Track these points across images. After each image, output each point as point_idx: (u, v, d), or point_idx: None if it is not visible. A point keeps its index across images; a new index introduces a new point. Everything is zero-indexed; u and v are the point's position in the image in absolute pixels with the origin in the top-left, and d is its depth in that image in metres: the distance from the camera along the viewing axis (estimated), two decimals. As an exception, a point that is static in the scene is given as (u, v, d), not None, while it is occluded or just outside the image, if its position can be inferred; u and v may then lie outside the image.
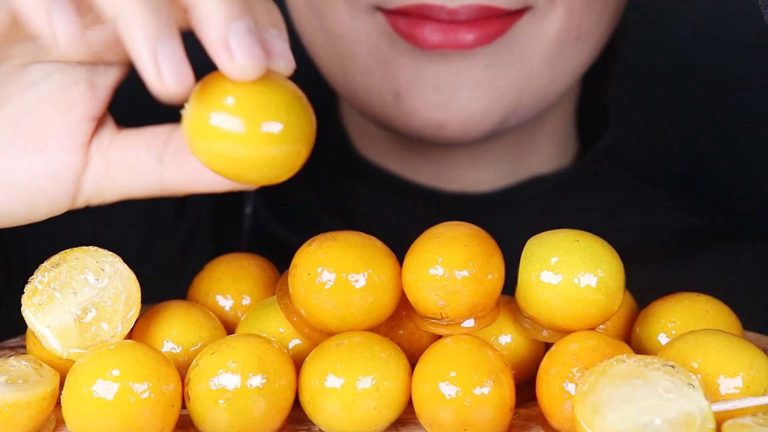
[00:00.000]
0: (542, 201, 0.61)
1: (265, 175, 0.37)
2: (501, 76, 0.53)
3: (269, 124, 0.35)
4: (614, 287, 0.40)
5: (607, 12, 0.56)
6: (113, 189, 0.40)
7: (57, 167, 0.39)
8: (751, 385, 0.36)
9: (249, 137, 0.35)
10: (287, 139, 0.36)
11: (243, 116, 0.35)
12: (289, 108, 0.36)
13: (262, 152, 0.36)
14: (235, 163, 0.36)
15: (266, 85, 0.36)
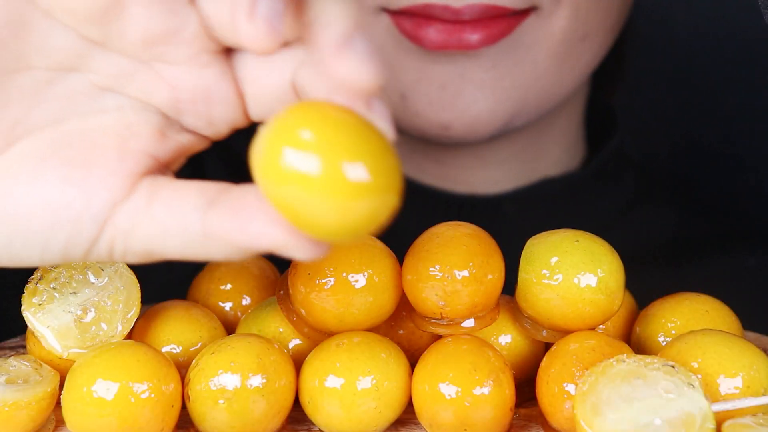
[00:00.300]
0: (550, 203, 0.61)
1: (345, 229, 0.29)
2: (506, 77, 0.53)
3: (355, 166, 0.28)
4: (614, 287, 0.40)
5: (613, 11, 0.56)
6: (147, 230, 0.32)
7: (97, 187, 0.33)
8: (751, 385, 0.36)
9: (328, 180, 0.28)
10: (373, 188, 0.29)
11: (324, 154, 0.28)
12: (380, 151, 0.29)
13: (346, 199, 0.28)
14: (309, 213, 0.29)
15: (355, 122, 0.29)
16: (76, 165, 0.32)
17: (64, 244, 0.33)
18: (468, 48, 0.52)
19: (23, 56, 0.32)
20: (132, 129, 0.33)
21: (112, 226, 0.32)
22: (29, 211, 0.32)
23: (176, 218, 0.32)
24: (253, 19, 0.29)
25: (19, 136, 0.32)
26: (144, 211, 0.32)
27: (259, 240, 0.30)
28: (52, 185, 0.32)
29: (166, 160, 0.34)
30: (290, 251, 0.30)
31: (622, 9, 0.57)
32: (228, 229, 0.31)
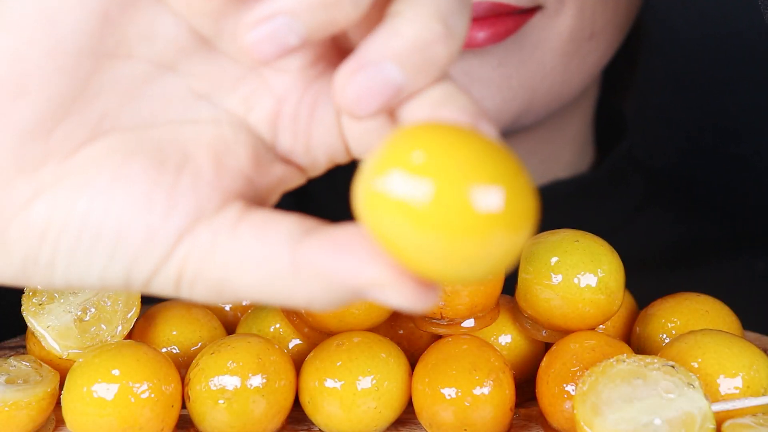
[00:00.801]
0: (560, 205, 0.62)
1: (466, 272, 0.24)
2: (513, 75, 0.53)
3: (486, 192, 0.23)
4: (614, 287, 0.40)
5: (620, 10, 0.56)
6: (227, 256, 0.28)
7: (185, 195, 0.28)
8: (751, 385, 0.36)
9: (449, 209, 0.23)
10: (506, 222, 0.23)
11: (445, 178, 0.23)
12: (513, 174, 0.23)
13: (472, 234, 0.23)
14: (424, 252, 0.23)
15: (481, 142, 0.24)
16: (167, 169, 0.28)
17: (131, 257, 0.28)
18: (474, 46, 0.52)
19: (125, 40, 0.28)
20: (228, 147, 0.30)
21: (189, 244, 0.28)
22: (105, 209, 0.28)
23: (263, 244, 0.27)
24: None
25: (106, 131, 0.29)
26: (228, 233, 0.28)
27: (356, 277, 0.26)
28: (138, 184, 0.28)
29: (262, 193, 0.30)
30: (392, 294, 0.25)
31: (629, 7, 0.57)
32: (321, 261, 0.26)
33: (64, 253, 0.28)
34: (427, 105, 0.26)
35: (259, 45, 0.26)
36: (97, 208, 0.28)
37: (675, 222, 0.65)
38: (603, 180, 0.63)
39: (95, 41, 0.28)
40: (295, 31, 0.26)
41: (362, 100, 0.26)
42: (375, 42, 0.26)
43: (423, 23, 0.26)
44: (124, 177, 0.28)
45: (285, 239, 0.27)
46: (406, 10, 0.26)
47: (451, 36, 0.26)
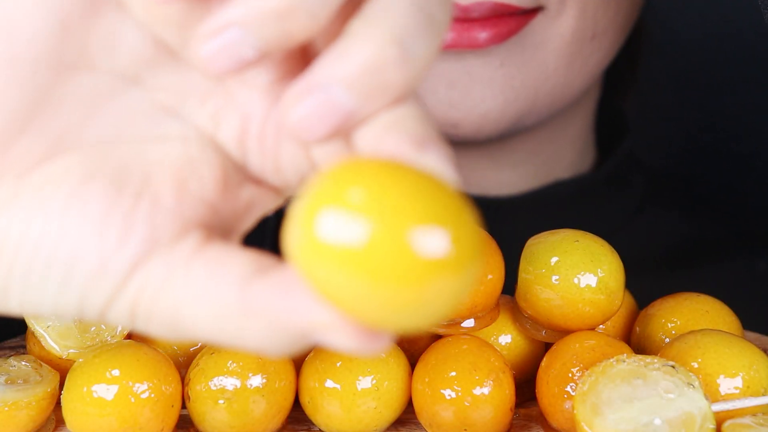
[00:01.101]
0: (561, 206, 0.62)
1: (410, 319, 0.22)
2: (516, 76, 0.54)
3: (427, 234, 0.21)
4: (614, 287, 0.40)
5: (622, 10, 0.56)
6: (180, 291, 0.26)
7: (143, 222, 0.27)
8: (751, 385, 0.36)
9: (388, 254, 0.21)
10: (449, 266, 0.21)
11: (382, 219, 0.21)
12: (455, 212, 0.22)
13: (414, 279, 0.21)
14: (361, 297, 0.22)
15: (423, 182, 0.22)
16: (126, 192, 0.27)
17: (85, 284, 0.27)
18: (476, 46, 0.52)
19: (87, 51, 0.27)
20: (194, 168, 0.28)
21: (144, 276, 0.27)
22: (59, 233, 0.26)
23: (215, 282, 0.26)
24: None
25: (66, 148, 0.27)
26: (182, 267, 0.26)
27: (300, 319, 0.24)
28: (94, 207, 0.27)
29: (228, 219, 0.29)
30: (338, 338, 0.24)
31: (631, 8, 0.57)
32: (268, 301, 0.25)
33: (18, 279, 0.27)
34: (373, 131, 0.25)
35: (214, 58, 0.25)
36: (51, 232, 0.27)
37: (675, 222, 0.65)
38: (604, 180, 0.63)
39: (54, 51, 0.26)
40: (250, 43, 0.25)
41: (309, 125, 0.25)
42: (325, 64, 0.25)
43: (376, 45, 0.25)
44: (79, 200, 0.27)
45: (237, 278, 0.26)
46: (360, 30, 0.25)
47: (407, 60, 0.25)
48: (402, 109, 0.25)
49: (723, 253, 0.63)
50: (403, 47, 0.25)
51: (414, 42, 0.25)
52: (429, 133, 0.25)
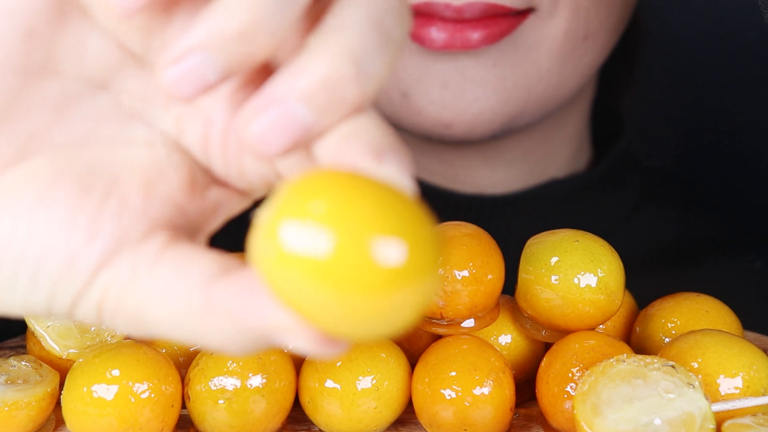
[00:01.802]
0: (557, 205, 0.62)
1: (370, 328, 0.23)
2: (508, 76, 0.54)
3: (381, 247, 0.22)
4: (614, 287, 0.40)
5: (615, 11, 0.56)
6: (145, 289, 0.27)
7: (109, 222, 0.28)
8: (751, 385, 0.36)
9: (349, 264, 0.22)
10: (407, 275, 0.22)
11: (341, 229, 0.22)
12: (414, 222, 0.22)
13: (374, 288, 0.22)
14: (321, 306, 0.22)
15: (381, 192, 0.23)
16: (92, 193, 0.28)
17: (53, 282, 0.27)
18: (470, 47, 0.52)
19: (53, 57, 0.28)
20: (161, 171, 0.29)
21: (110, 274, 0.27)
22: (27, 233, 0.27)
23: (180, 281, 0.26)
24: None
25: (35, 150, 0.28)
26: (148, 266, 0.27)
27: (261, 320, 0.25)
28: (61, 207, 0.27)
29: (195, 220, 0.30)
30: (298, 341, 0.25)
31: (624, 8, 0.57)
32: (230, 302, 0.26)
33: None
34: (331, 141, 0.26)
35: (177, 84, 0.25)
36: (19, 233, 0.27)
37: (673, 221, 0.65)
38: (601, 179, 0.63)
39: (21, 58, 0.27)
40: (213, 66, 0.25)
41: (268, 139, 0.25)
42: (282, 79, 0.25)
43: (332, 61, 0.25)
44: (47, 200, 0.27)
45: (201, 277, 0.26)
46: (317, 46, 0.26)
47: (363, 76, 0.25)
48: (360, 120, 0.26)
49: (721, 252, 0.63)
50: (358, 64, 0.25)
51: (369, 58, 0.26)
52: (387, 142, 0.25)
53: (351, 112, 0.26)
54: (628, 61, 0.64)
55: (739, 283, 0.60)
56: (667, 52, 0.77)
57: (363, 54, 0.25)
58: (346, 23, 0.26)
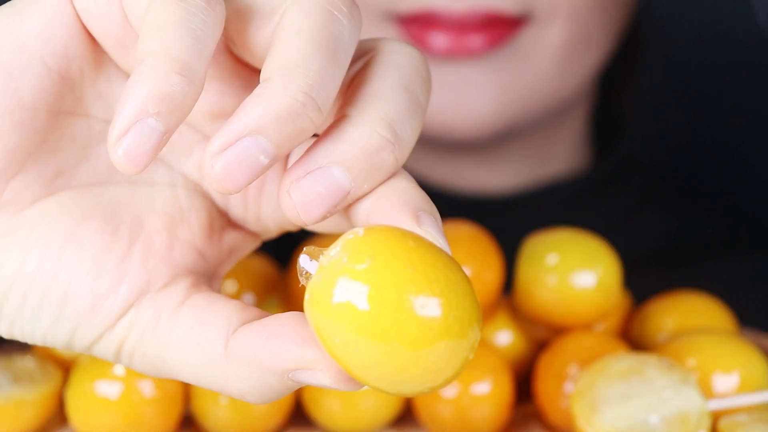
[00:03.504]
0: (559, 205, 0.62)
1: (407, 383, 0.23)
2: (509, 82, 0.54)
3: (422, 306, 0.23)
4: (612, 286, 0.40)
5: (616, 16, 0.56)
6: (166, 334, 0.27)
7: (136, 266, 0.28)
8: (746, 383, 0.37)
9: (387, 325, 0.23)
10: (446, 332, 0.23)
11: (384, 292, 0.23)
12: (458, 288, 0.23)
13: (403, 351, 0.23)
14: (370, 360, 0.23)
15: (427, 250, 0.24)
16: (120, 236, 0.28)
17: (76, 322, 0.28)
18: (471, 53, 0.52)
19: (83, 100, 0.28)
20: (183, 215, 0.29)
21: (133, 317, 0.28)
22: (55, 270, 0.27)
23: (201, 330, 0.27)
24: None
25: (60, 187, 0.28)
26: (170, 312, 0.27)
27: (282, 359, 0.25)
28: (90, 249, 0.28)
29: (213, 264, 0.30)
30: (321, 376, 0.25)
31: (625, 12, 0.57)
32: (251, 348, 0.26)
33: (10, 308, 0.28)
34: (372, 201, 0.26)
35: (229, 173, 0.25)
36: (46, 269, 0.27)
37: (672, 220, 0.65)
38: (600, 180, 0.63)
39: (53, 99, 0.27)
40: (265, 149, 0.25)
41: (310, 205, 0.25)
42: (323, 146, 0.26)
43: (371, 129, 0.26)
44: (76, 240, 0.28)
45: (222, 327, 0.27)
46: (354, 115, 0.26)
47: (398, 142, 0.26)
48: (396, 181, 0.26)
49: (719, 251, 0.63)
50: (394, 131, 0.26)
51: (403, 125, 0.26)
52: (422, 203, 0.26)
53: (386, 178, 0.26)
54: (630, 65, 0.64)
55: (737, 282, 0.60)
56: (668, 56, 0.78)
57: (398, 121, 0.26)
58: (380, 92, 0.27)
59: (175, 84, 0.24)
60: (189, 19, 0.25)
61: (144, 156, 0.24)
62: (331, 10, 0.26)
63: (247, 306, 0.28)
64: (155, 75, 0.24)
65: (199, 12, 0.25)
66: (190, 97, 0.25)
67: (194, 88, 0.25)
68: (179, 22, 0.25)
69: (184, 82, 0.24)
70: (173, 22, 0.25)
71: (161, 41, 0.25)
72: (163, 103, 0.24)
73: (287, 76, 0.25)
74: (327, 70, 0.25)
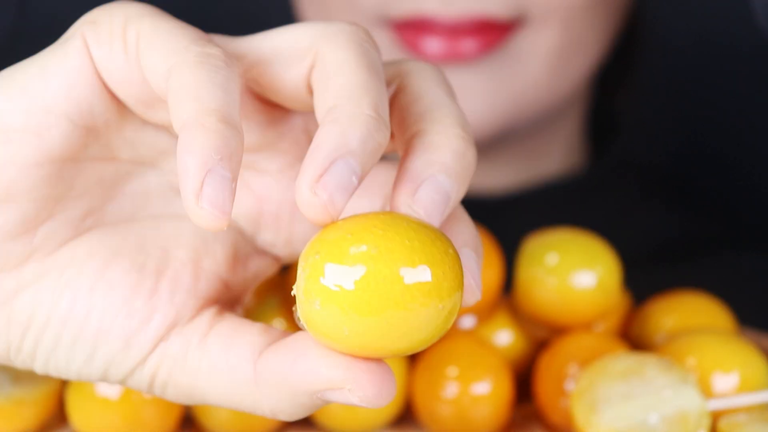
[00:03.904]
0: (554, 205, 0.62)
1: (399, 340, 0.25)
2: (501, 86, 0.54)
3: (412, 269, 0.25)
4: (612, 285, 0.40)
5: (609, 17, 0.56)
6: (196, 363, 0.28)
7: (164, 301, 0.29)
8: (746, 383, 0.37)
9: (379, 290, 0.25)
10: (436, 292, 0.25)
11: (374, 263, 0.25)
12: (442, 258, 0.25)
13: (398, 308, 0.25)
14: (358, 329, 0.25)
15: (417, 231, 0.26)
16: (147, 273, 0.29)
17: (109, 359, 0.29)
18: (464, 57, 0.53)
19: (110, 146, 0.29)
20: (207, 247, 0.30)
21: (163, 350, 0.29)
22: (86, 311, 0.29)
23: (229, 355, 0.28)
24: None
25: (89, 227, 0.29)
26: (198, 342, 0.29)
27: (312, 380, 0.26)
28: (120, 289, 0.29)
29: (237, 291, 0.31)
30: (350, 394, 0.26)
31: (618, 16, 0.57)
32: (279, 369, 0.27)
33: (44, 348, 0.29)
34: None
35: (332, 199, 0.25)
36: (78, 310, 0.29)
37: (671, 219, 0.65)
38: (598, 179, 0.63)
39: (80, 150, 0.28)
40: (355, 169, 0.26)
41: (431, 214, 0.27)
42: (418, 160, 0.27)
43: (454, 134, 0.27)
44: (105, 280, 0.29)
45: (249, 351, 0.28)
46: (429, 128, 0.28)
47: (472, 141, 0.28)
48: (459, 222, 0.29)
49: (717, 250, 0.63)
50: (467, 131, 0.28)
51: (468, 126, 0.28)
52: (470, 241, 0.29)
53: (470, 178, 0.28)
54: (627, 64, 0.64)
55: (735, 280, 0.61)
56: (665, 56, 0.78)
57: (466, 122, 0.28)
58: (437, 102, 0.28)
59: (224, 131, 0.25)
60: (213, 76, 0.26)
61: (227, 202, 0.25)
62: (362, 42, 0.28)
63: (270, 327, 0.29)
64: (204, 129, 0.25)
65: (219, 70, 0.26)
66: (239, 141, 0.25)
67: (238, 133, 0.25)
68: (206, 80, 0.26)
69: (229, 128, 0.25)
70: (201, 80, 0.26)
71: (196, 100, 0.25)
72: (222, 151, 0.25)
73: (354, 98, 0.26)
74: (381, 90, 0.27)
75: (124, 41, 0.27)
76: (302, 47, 0.28)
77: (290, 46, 0.28)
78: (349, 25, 0.28)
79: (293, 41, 0.28)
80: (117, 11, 0.28)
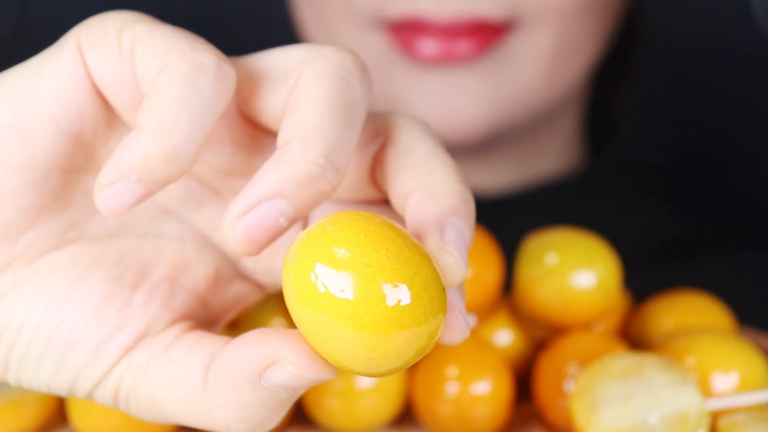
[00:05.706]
0: (552, 205, 0.62)
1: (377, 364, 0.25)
2: (495, 88, 0.55)
3: (395, 288, 0.24)
4: (611, 285, 0.40)
5: (604, 17, 0.56)
6: (158, 374, 0.28)
7: (136, 313, 0.29)
8: (746, 382, 0.37)
9: (360, 307, 0.24)
10: (413, 315, 0.24)
11: (360, 275, 0.24)
12: (427, 276, 0.24)
13: (378, 331, 0.24)
14: (340, 341, 0.24)
15: (406, 243, 0.25)
16: (123, 284, 0.29)
17: (77, 370, 0.28)
18: (459, 58, 0.53)
19: (96, 157, 0.29)
20: (188, 265, 0.30)
21: (129, 360, 0.28)
22: (58, 320, 0.28)
23: (187, 365, 0.27)
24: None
25: (72, 240, 0.29)
26: (162, 352, 0.28)
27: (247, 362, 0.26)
28: (92, 298, 0.28)
29: (215, 312, 0.31)
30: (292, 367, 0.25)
31: (614, 17, 0.58)
32: (222, 366, 0.26)
33: (16, 357, 0.29)
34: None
35: (249, 236, 0.25)
36: (50, 319, 0.28)
37: (670, 218, 0.65)
38: (595, 178, 0.64)
39: (66, 159, 0.28)
40: (285, 212, 0.25)
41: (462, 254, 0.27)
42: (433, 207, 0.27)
43: (454, 181, 0.28)
44: (79, 290, 0.29)
45: (204, 359, 0.27)
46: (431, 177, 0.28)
47: (468, 186, 0.29)
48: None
49: (716, 249, 0.63)
50: (462, 177, 0.29)
51: (459, 170, 0.30)
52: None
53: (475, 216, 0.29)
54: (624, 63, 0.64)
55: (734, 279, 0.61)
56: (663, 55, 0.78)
57: (458, 168, 0.29)
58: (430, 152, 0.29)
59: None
60: (195, 96, 0.26)
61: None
62: (344, 74, 0.27)
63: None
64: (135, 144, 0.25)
65: (204, 90, 0.26)
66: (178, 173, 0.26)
67: (182, 168, 0.26)
68: (184, 101, 0.26)
69: (172, 162, 0.25)
70: (179, 99, 0.26)
71: (157, 117, 0.26)
72: (140, 171, 0.25)
73: (306, 140, 0.26)
74: (343, 134, 0.26)
75: (118, 44, 0.27)
76: (287, 70, 0.28)
77: (277, 68, 0.28)
78: (337, 52, 0.28)
79: (281, 63, 0.28)
80: (113, 17, 0.28)
